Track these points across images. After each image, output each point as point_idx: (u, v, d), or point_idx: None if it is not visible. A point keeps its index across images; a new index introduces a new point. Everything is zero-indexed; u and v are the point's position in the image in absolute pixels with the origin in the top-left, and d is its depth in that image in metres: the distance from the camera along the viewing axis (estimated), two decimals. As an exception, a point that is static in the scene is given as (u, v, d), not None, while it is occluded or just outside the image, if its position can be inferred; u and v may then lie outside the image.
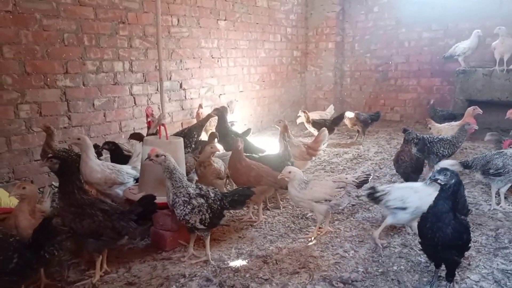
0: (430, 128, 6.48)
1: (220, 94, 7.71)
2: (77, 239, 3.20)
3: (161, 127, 3.93)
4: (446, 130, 5.97)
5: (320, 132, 5.34)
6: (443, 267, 2.82)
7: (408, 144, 4.53)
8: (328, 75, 10.27)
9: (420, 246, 2.89)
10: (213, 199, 3.18)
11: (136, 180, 4.00)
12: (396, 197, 3.39)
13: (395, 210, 3.38)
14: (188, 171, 4.30)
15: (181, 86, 6.79)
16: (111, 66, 5.59)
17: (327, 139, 5.46)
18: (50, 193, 3.71)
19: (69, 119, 5.18)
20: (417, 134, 4.89)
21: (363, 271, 3.04)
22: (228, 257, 3.30)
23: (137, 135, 4.83)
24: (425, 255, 2.98)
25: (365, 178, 3.67)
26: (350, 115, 7.34)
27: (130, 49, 5.82)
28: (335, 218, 4.08)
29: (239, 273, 3.03)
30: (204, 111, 6.75)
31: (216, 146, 4.32)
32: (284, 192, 4.65)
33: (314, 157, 5.48)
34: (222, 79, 7.70)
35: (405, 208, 3.32)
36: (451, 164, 3.66)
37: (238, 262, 3.21)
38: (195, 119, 6.81)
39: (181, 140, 3.90)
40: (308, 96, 10.64)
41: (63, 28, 4.96)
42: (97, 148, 4.29)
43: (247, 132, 5.78)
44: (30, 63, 4.69)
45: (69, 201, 2.86)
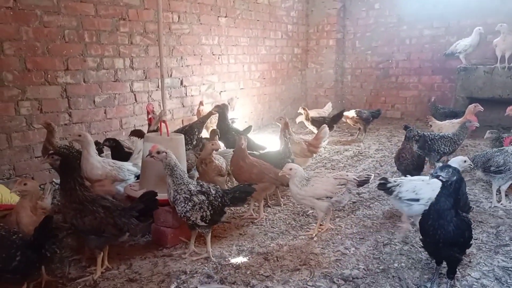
0: (431, 126, 6.47)
1: (221, 91, 7.70)
2: (79, 235, 3.21)
3: (162, 124, 3.92)
4: (447, 128, 5.96)
5: (320, 129, 5.33)
6: (444, 264, 2.82)
7: (409, 141, 4.53)
8: (329, 73, 10.26)
9: (421, 243, 2.89)
10: (214, 196, 3.18)
11: (137, 177, 4.01)
12: (408, 188, 3.41)
13: (409, 202, 3.39)
14: (189, 168, 4.30)
15: (181, 83, 6.78)
16: (111, 63, 5.58)
17: (328, 136, 5.45)
18: (51, 189, 3.73)
19: (70, 116, 5.17)
20: (418, 131, 4.89)
21: (364, 268, 3.05)
22: (229, 254, 3.30)
23: (137, 132, 4.83)
24: (426, 252, 2.97)
25: (366, 178, 3.67)
26: (352, 114, 7.33)
27: (131, 46, 5.81)
28: (336, 215, 4.08)
29: (240, 270, 3.04)
30: (205, 108, 6.74)
31: (217, 143, 4.32)
32: (285, 189, 4.66)
33: (315, 154, 5.48)
34: (222, 76, 7.69)
35: (418, 200, 3.34)
36: (462, 161, 3.63)
37: (239, 259, 3.21)
38: (196, 116, 6.81)
39: (182, 137, 3.89)
40: (309, 94, 10.63)
41: (63, 24, 4.95)
42: (98, 145, 4.28)
43: (248, 129, 5.78)
44: (30, 59, 4.69)
45: (70, 197, 2.86)
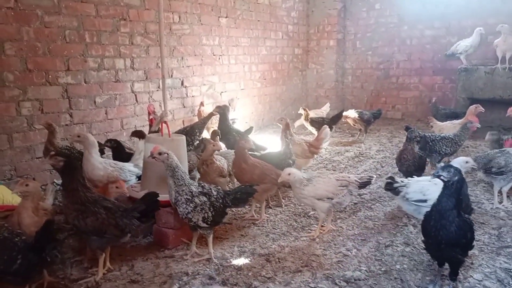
0: (432, 126, 6.46)
1: (221, 92, 7.69)
2: (81, 236, 3.20)
3: (163, 125, 3.92)
4: (448, 129, 5.95)
5: (321, 130, 5.32)
6: (446, 266, 2.82)
7: (411, 142, 4.52)
8: (329, 73, 10.26)
9: (423, 245, 2.89)
10: (215, 197, 3.18)
11: (139, 177, 4.00)
12: (415, 189, 3.34)
13: (417, 203, 3.31)
14: (190, 169, 4.30)
15: (182, 84, 6.77)
16: (112, 63, 5.57)
17: (329, 137, 5.45)
18: (53, 190, 3.72)
19: (71, 116, 5.17)
20: (419, 132, 4.88)
21: (366, 270, 3.04)
22: (231, 255, 3.30)
23: (138, 133, 4.82)
24: (428, 254, 2.97)
25: (368, 179, 3.66)
26: (353, 115, 7.31)
27: (132, 46, 5.80)
28: (337, 216, 4.07)
29: (242, 271, 3.03)
30: (206, 109, 6.74)
31: (218, 144, 4.31)
32: (286, 190, 4.66)
33: (316, 155, 5.48)
34: (223, 77, 7.68)
35: (425, 201, 3.26)
36: (465, 161, 3.61)
37: (240, 260, 3.21)
38: (197, 117, 6.81)
39: (184, 138, 3.89)
40: (309, 94, 10.63)
41: (64, 25, 4.94)
42: (99, 146, 4.28)
43: (249, 130, 5.77)
44: (31, 60, 4.68)
45: (72, 198, 2.85)
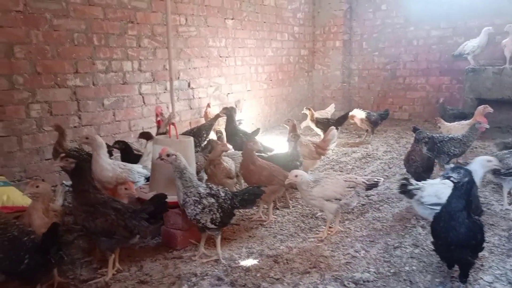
0: (439, 127, 6.42)
1: (228, 93, 7.71)
2: (90, 237, 3.23)
3: (171, 126, 3.94)
4: (456, 129, 5.91)
5: (328, 131, 5.32)
6: (455, 268, 2.80)
7: (419, 143, 4.50)
8: (335, 74, 10.24)
9: (432, 246, 2.87)
10: (223, 198, 3.19)
11: (147, 179, 4.03)
12: (430, 193, 3.29)
13: (433, 207, 3.23)
14: (198, 170, 4.31)
15: (189, 85, 6.80)
16: (120, 66, 5.61)
17: (336, 138, 5.44)
18: (62, 191, 3.75)
19: (80, 118, 5.21)
20: (426, 133, 4.85)
21: (374, 271, 3.03)
22: (239, 256, 3.30)
23: (146, 134, 4.85)
24: (438, 256, 2.95)
25: (375, 182, 3.64)
26: (361, 116, 7.26)
27: (139, 49, 5.84)
28: (345, 217, 4.06)
29: (250, 273, 3.04)
30: (212, 110, 6.76)
31: (226, 145, 4.32)
32: (294, 192, 4.66)
33: (323, 156, 5.47)
34: (229, 78, 7.70)
35: (440, 204, 3.23)
36: (488, 160, 3.56)
37: (249, 261, 3.21)
38: (203, 118, 6.83)
39: (192, 139, 3.90)
40: (316, 95, 10.61)
41: (72, 28, 4.99)
42: (107, 148, 4.31)
43: (256, 132, 5.78)
44: (40, 63, 4.73)
45: (82, 200, 2.88)
